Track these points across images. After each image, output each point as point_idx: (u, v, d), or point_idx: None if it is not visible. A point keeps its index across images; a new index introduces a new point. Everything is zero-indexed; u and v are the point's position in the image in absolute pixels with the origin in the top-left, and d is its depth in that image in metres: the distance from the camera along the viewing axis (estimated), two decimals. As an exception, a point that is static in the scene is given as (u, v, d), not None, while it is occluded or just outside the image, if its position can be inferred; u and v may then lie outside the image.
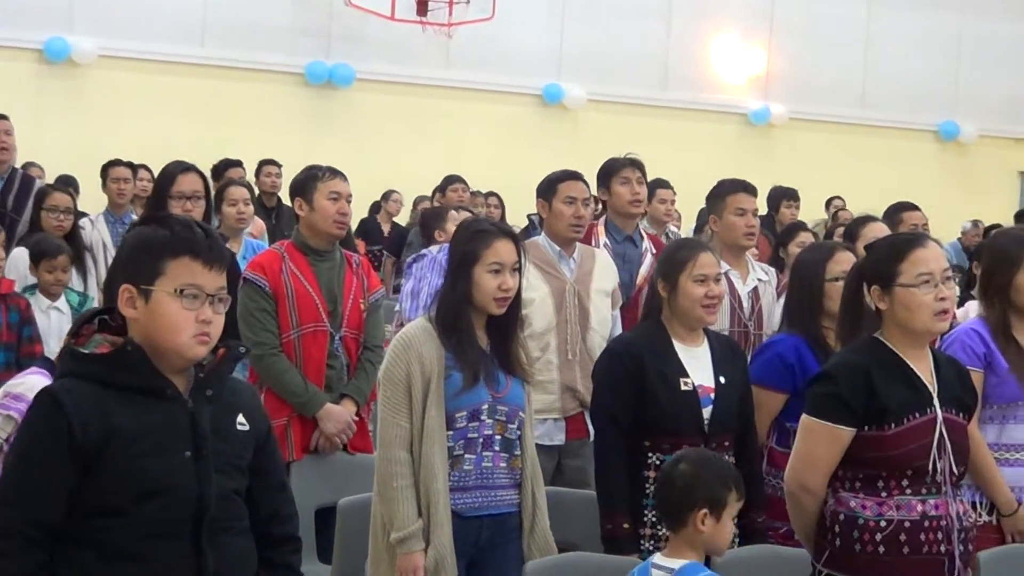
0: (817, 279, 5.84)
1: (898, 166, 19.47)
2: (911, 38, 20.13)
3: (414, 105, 17.32)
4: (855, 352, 4.63)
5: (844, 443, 4.51)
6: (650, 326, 5.56)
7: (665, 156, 15.76)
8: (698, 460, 4.46)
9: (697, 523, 4.32)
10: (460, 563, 4.97)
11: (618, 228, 7.44)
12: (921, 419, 4.52)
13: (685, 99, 18.58)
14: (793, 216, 12.24)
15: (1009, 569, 5.38)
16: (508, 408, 5.08)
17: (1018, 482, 5.62)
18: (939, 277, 4.54)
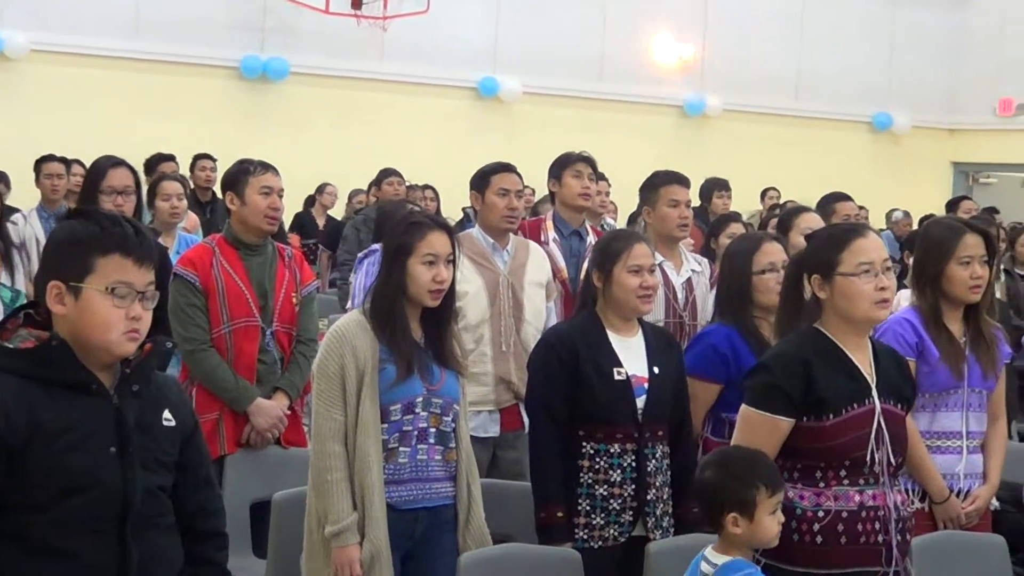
0: (745, 271, 5.88)
1: (832, 157, 19.56)
2: (845, 30, 20.23)
3: (349, 98, 17.26)
4: (794, 343, 4.64)
5: (783, 434, 4.51)
6: (585, 317, 5.57)
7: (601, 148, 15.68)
8: (722, 464, 4.41)
9: (729, 526, 4.31)
10: (395, 556, 4.97)
11: (565, 222, 7.46)
12: (860, 410, 4.53)
13: (620, 91, 18.59)
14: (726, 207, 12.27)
15: (941, 555, 5.43)
16: (443, 401, 5.08)
17: (950, 470, 5.67)
18: (879, 267, 4.56)
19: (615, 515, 5.38)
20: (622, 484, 5.38)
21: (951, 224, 5.92)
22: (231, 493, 6.17)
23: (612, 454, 5.38)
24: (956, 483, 5.68)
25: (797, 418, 4.49)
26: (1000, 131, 21.04)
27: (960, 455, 5.70)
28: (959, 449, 5.70)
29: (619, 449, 5.38)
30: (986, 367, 5.71)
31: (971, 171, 22.05)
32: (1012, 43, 20.53)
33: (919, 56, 20.87)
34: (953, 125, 21.60)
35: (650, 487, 5.41)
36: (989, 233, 5.83)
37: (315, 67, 17.12)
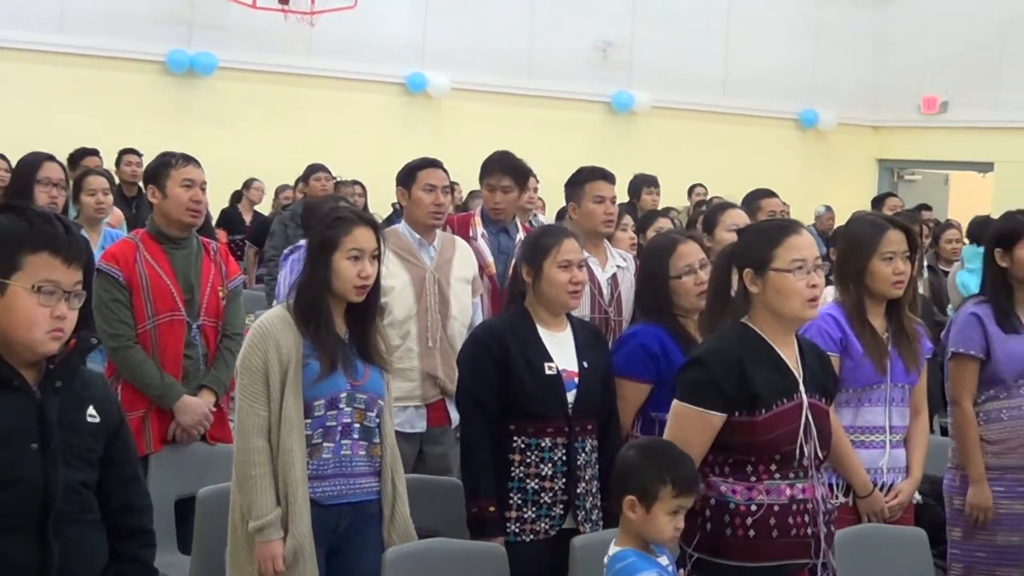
0: (662, 274, 5.89)
1: (759, 153, 19.68)
2: (771, 27, 20.35)
3: (277, 94, 17.19)
4: (725, 338, 4.65)
5: (715, 428, 4.53)
6: (514, 312, 5.59)
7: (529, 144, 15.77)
8: (644, 449, 4.44)
9: (626, 509, 4.33)
10: (319, 551, 4.97)
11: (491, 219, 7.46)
12: (789, 405, 4.56)
13: (549, 87, 18.61)
14: (654, 203, 12.32)
15: (864, 548, 5.49)
16: (367, 396, 5.07)
17: (873, 464, 5.71)
18: (811, 264, 4.58)
19: (546, 508, 5.41)
20: (553, 478, 5.40)
21: (874, 220, 5.97)
22: (156, 490, 6.08)
23: (543, 448, 5.40)
24: (879, 477, 5.72)
25: (729, 413, 4.52)
26: (924, 128, 21.23)
27: (883, 449, 5.74)
28: (882, 444, 5.74)
29: (550, 443, 5.40)
30: (908, 362, 5.76)
31: (896, 168, 22.24)
32: (936, 41, 20.72)
33: (844, 54, 21.01)
34: (878, 123, 21.77)
35: (580, 480, 5.43)
36: (911, 229, 5.89)
37: (243, 62, 17.03)
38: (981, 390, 6.16)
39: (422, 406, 6.60)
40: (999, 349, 6.11)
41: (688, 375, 4.61)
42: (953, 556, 6.25)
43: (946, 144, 20.73)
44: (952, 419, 6.27)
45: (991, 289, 6.25)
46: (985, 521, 6.10)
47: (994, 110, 20.22)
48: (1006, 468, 6.12)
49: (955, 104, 20.87)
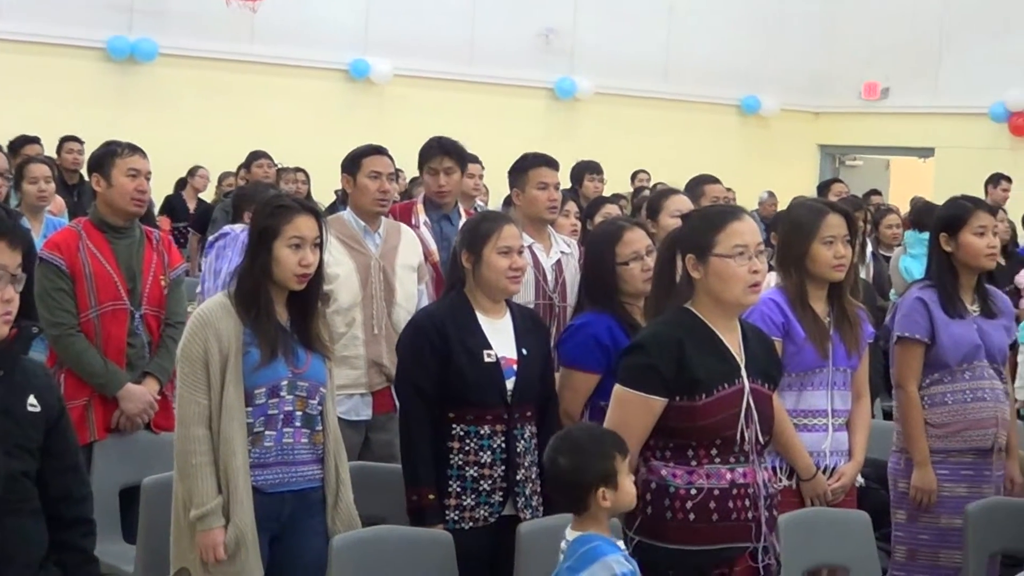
0: (608, 261, 5.90)
1: (702, 139, 19.74)
2: (713, 13, 20.40)
3: (219, 80, 17.10)
4: (667, 323, 4.67)
5: (656, 413, 4.54)
6: (454, 298, 5.57)
7: (473, 131, 15.71)
8: (573, 449, 4.41)
9: (600, 502, 4.33)
10: (263, 539, 4.95)
11: (436, 205, 7.46)
12: (730, 390, 4.58)
13: (491, 74, 18.59)
14: (597, 189, 12.29)
15: (807, 531, 5.52)
16: (308, 384, 5.06)
17: (816, 447, 5.75)
18: (753, 250, 4.60)
19: (485, 496, 5.40)
20: (492, 465, 5.40)
21: (814, 205, 6.02)
22: (100, 479, 6.12)
23: (482, 435, 5.39)
24: (822, 460, 5.76)
25: (670, 398, 4.53)
26: (865, 114, 21.35)
27: (826, 433, 5.78)
28: (825, 427, 5.78)
29: (489, 431, 5.39)
30: (850, 346, 5.81)
31: (837, 154, 22.36)
32: (877, 28, 20.84)
33: (786, 40, 21.10)
34: (820, 108, 21.88)
35: (520, 467, 5.43)
36: (850, 213, 5.92)
37: (184, 48, 16.92)
38: (926, 374, 6.20)
39: (368, 394, 6.61)
40: (944, 334, 6.16)
41: (629, 360, 4.62)
42: (897, 538, 6.30)
43: (887, 130, 20.87)
44: (897, 403, 6.31)
45: (936, 274, 6.30)
46: (929, 504, 6.15)
47: (934, 96, 20.37)
48: (950, 451, 6.17)
49: (896, 90, 21.01)
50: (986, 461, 6.21)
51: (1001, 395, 6.26)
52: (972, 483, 6.18)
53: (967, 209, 6.28)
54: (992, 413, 6.19)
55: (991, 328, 6.26)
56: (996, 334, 6.28)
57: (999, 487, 6.27)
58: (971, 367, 6.19)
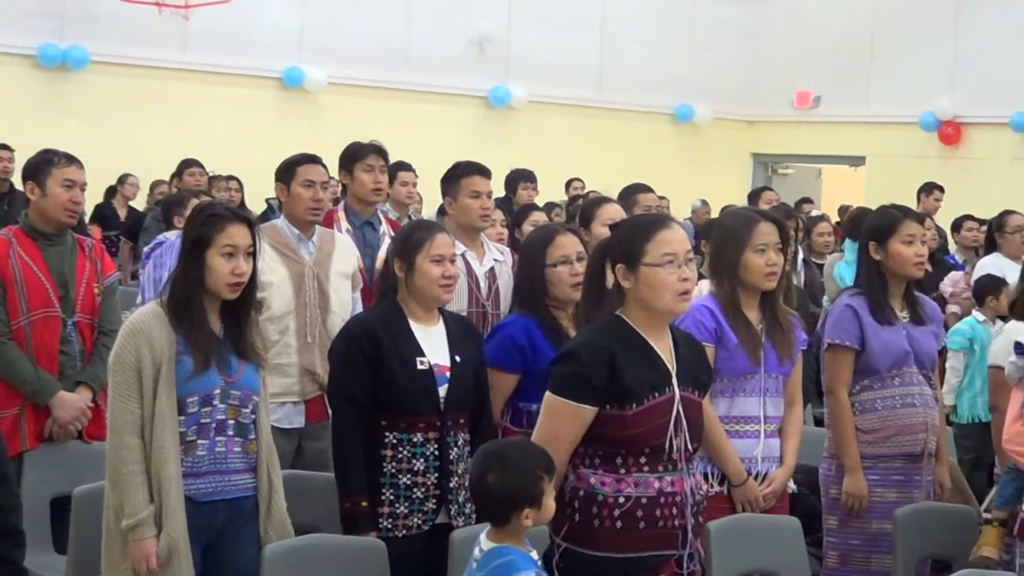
0: (539, 263, 5.93)
1: (636, 148, 19.79)
2: (646, 22, 20.48)
3: (151, 88, 16.99)
4: (598, 332, 4.67)
5: (586, 421, 4.54)
6: (386, 306, 5.59)
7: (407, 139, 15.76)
8: (502, 465, 4.37)
9: (522, 521, 4.32)
10: (195, 548, 4.93)
11: (357, 213, 7.47)
12: (660, 399, 4.58)
13: (426, 82, 18.57)
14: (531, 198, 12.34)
15: (738, 537, 5.56)
16: (241, 392, 5.05)
17: (747, 453, 5.80)
18: (682, 258, 4.60)
19: (419, 503, 5.41)
20: (425, 472, 5.41)
21: (745, 213, 6.06)
22: (31, 489, 6.09)
23: (415, 443, 5.41)
24: (754, 466, 5.81)
25: (600, 407, 4.53)
26: (797, 123, 21.47)
27: (758, 439, 5.82)
28: (757, 433, 5.83)
29: (422, 438, 5.41)
30: (782, 353, 5.85)
31: (770, 162, 22.48)
32: (808, 37, 20.97)
33: (719, 49, 21.20)
34: (752, 117, 21.99)
35: (453, 475, 5.45)
36: (782, 221, 5.98)
37: (116, 56, 16.80)
38: (856, 380, 6.26)
39: (300, 402, 6.60)
40: (873, 340, 6.21)
41: (560, 368, 4.62)
42: (829, 544, 6.35)
43: (819, 138, 20.99)
44: (828, 409, 6.37)
45: (866, 282, 6.36)
46: (860, 509, 6.20)
47: (865, 105, 20.52)
48: (880, 457, 6.23)
49: (827, 99, 21.15)
50: (916, 466, 6.27)
51: (931, 401, 6.32)
52: (902, 488, 6.24)
53: (896, 218, 6.35)
54: (922, 419, 6.25)
55: (920, 334, 6.33)
56: (925, 340, 6.34)
57: (929, 492, 6.33)
58: (900, 373, 6.25)
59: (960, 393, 9.66)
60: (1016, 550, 5.61)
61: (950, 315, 10.75)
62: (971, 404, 9.53)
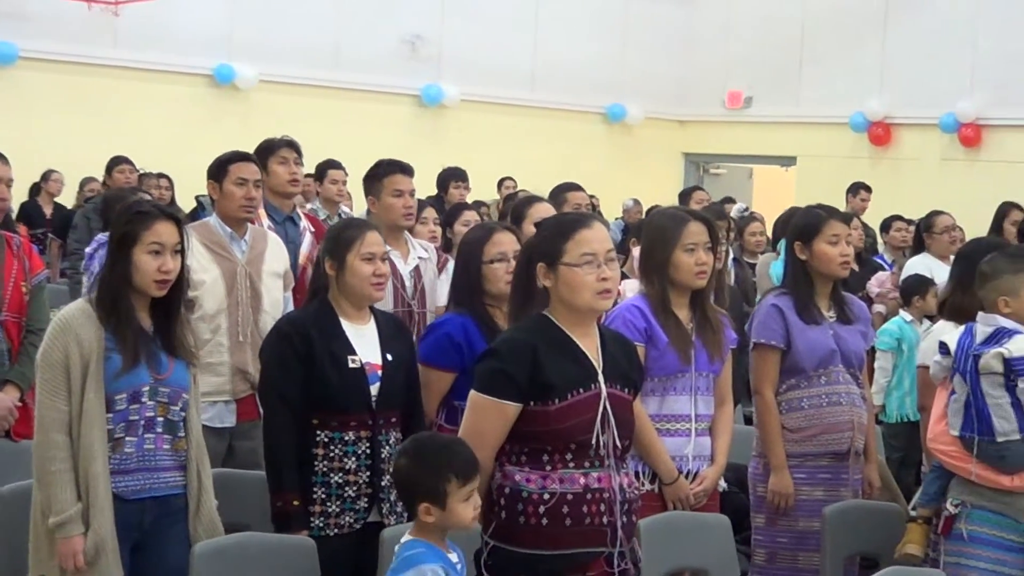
0: (475, 260, 5.95)
1: (568, 147, 19.82)
2: (579, 22, 20.51)
3: (81, 85, 16.85)
4: (523, 329, 4.69)
5: (510, 418, 4.56)
6: (318, 305, 5.58)
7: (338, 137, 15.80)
8: (415, 454, 4.42)
9: (422, 515, 4.35)
10: (123, 546, 4.92)
11: (277, 209, 7.45)
12: (585, 394, 4.59)
13: (358, 80, 18.52)
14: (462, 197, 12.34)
15: (668, 535, 5.60)
16: (171, 390, 5.03)
17: (678, 451, 5.83)
18: (602, 258, 4.62)
19: (350, 502, 5.42)
20: (357, 471, 5.42)
21: (675, 213, 6.10)
22: (-43, 489, 6.04)
23: (347, 442, 5.41)
24: (685, 465, 5.85)
25: (524, 403, 4.54)
26: (729, 123, 21.58)
27: (689, 437, 5.86)
28: (688, 432, 5.87)
29: (353, 436, 5.41)
30: (712, 351, 5.90)
31: (701, 162, 22.58)
32: (740, 37, 21.09)
33: (651, 49, 21.26)
34: (684, 117, 22.08)
35: (385, 473, 5.44)
36: (711, 221, 6.02)
37: (45, 52, 16.64)
38: (782, 379, 6.30)
39: (232, 401, 6.59)
40: (799, 340, 6.26)
41: (483, 365, 4.64)
42: (757, 542, 6.39)
43: (750, 138, 21.11)
44: (755, 408, 6.41)
45: (792, 281, 6.41)
46: (787, 507, 6.24)
47: (796, 106, 20.65)
48: (806, 455, 6.27)
49: (759, 99, 21.26)
50: (843, 465, 6.32)
51: (857, 400, 6.37)
52: (829, 487, 6.29)
53: (821, 218, 6.39)
54: (848, 417, 6.30)
55: (847, 334, 6.37)
56: (852, 339, 6.39)
57: (857, 490, 6.38)
58: (827, 372, 6.29)
59: (889, 393, 9.76)
60: (940, 547, 5.66)
61: (875, 315, 10.84)
62: (900, 403, 9.63)
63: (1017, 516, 5.56)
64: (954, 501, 5.63)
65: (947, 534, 5.62)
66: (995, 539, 5.57)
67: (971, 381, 5.56)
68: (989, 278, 5.66)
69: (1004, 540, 5.56)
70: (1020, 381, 5.46)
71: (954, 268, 6.60)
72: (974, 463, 5.58)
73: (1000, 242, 7.03)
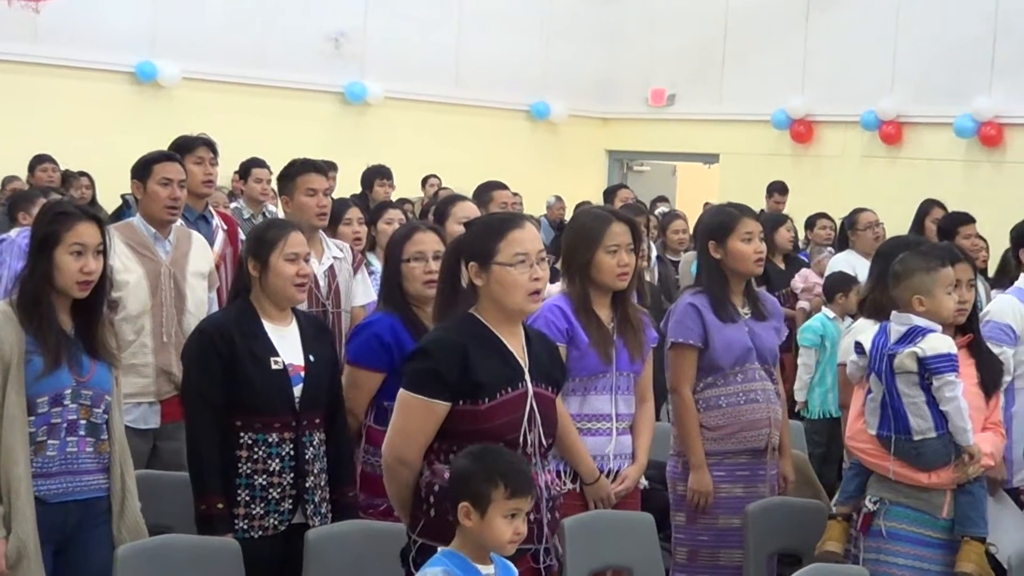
0: (396, 259, 5.97)
1: (493, 144, 19.82)
2: (502, 18, 20.49)
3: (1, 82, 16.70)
4: (451, 328, 4.71)
5: (439, 417, 4.59)
6: (240, 306, 5.59)
7: (262, 135, 15.72)
8: (476, 454, 4.36)
9: (462, 517, 4.28)
10: (46, 550, 4.90)
11: (190, 207, 7.43)
12: (513, 393, 4.63)
13: (281, 77, 18.38)
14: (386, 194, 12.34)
15: (591, 533, 5.63)
16: (93, 392, 5.01)
17: (600, 451, 5.88)
18: (534, 258, 4.66)
19: (275, 504, 5.42)
20: (281, 473, 5.42)
21: (599, 213, 6.13)
22: None
23: (270, 443, 5.41)
24: (606, 464, 5.89)
25: (453, 402, 4.57)
26: (652, 120, 21.62)
27: (610, 436, 5.91)
28: (609, 431, 5.91)
29: (277, 438, 5.42)
30: (633, 351, 5.94)
31: (625, 159, 22.63)
32: (662, 35, 21.14)
33: (575, 46, 21.27)
34: (607, 114, 22.12)
35: (309, 474, 5.46)
36: (635, 222, 6.07)
37: (-37, 49, 16.51)
38: (700, 378, 6.34)
39: (156, 402, 6.58)
40: (716, 338, 6.30)
41: (412, 364, 4.66)
42: (678, 540, 6.43)
43: (673, 136, 21.17)
44: (672, 407, 6.44)
45: (707, 280, 6.45)
46: (706, 505, 6.28)
47: (719, 103, 20.73)
48: (725, 453, 6.32)
49: (682, 97, 21.33)
50: (760, 461, 6.38)
51: (772, 396, 6.43)
52: (748, 483, 6.34)
53: (734, 216, 6.45)
54: (765, 414, 6.35)
55: (761, 330, 6.43)
56: (767, 336, 6.45)
57: (774, 486, 6.44)
58: (743, 369, 6.34)
59: (811, 389, 9.85)
60: (860, 544, 5.74)
61: (799, 311, 10.94)
62: (822, 400, 9.74)
63: (934, 512, 5.64)
64: (873, 498, 5.71)
65: (866, 531, 5.70)
66: (913, 535, 5.65)
67: (887, 380, 5.64)
68: (902, 277, 5.73)
69: (922, 536, 5.65)
70: (935, 380, 5.54)
71: (873, 266, 6.68)
72: (892, 461, 5.66)
73: (918, 240, 7.11)
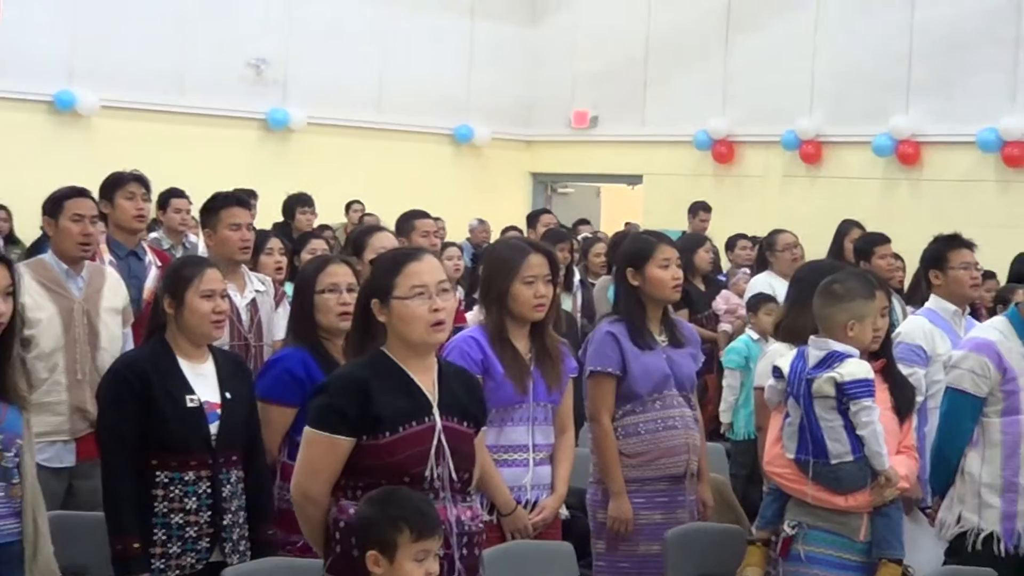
0: (309, 291, 5.94)
1: (417, 169, 19.82)
2: (424, 43, 20.49)
3: (-84, 112, 16.55)
4: (356, 364, 4.72)
5: (342, 452, 4.57)
6: (155, 343, 5.55)
7: (183, 163, 15.63)
8: (378, 500, 4.38)
9: (370, 565, 4.29)
10: (-44, 599, 4.85)
11: (120, 243, 7.38)
12: (418, 427, 4.60)
13: (202, 105, 18.28)
14: (309, 223, 12.31)
15: (511, 565, 5.61)
16: (4, 436, 4.91)
17: (516, 482, 5.88)
18: (433, 289, 4.65)
19: (192, 543, 5.38)
20: (198, 511, 5.39)
21: (516, 244, 6.15)
22: None
23: (187, 482, 5.37)
24: (523, 494, 5.90)
25: (356, 436, 4.56)
26: (575, 143, 21.68)
27: (527, 467, 5.92)
28: (526, 462, 5.92)
29: (193, 476, 5.38)
30: (551, 382, 5.95)
31: (549, 181, 22.68)
32: (584, 57, 21.22)
33: (497, 70, 21.32)
34: (531, 137, 22.16)
35: (226, 512, 5.43)
36: (553, 253, 6.08)
37: None
38: (619, 405, 6.36)
39: (71, 440, 6.54)
40: (634, 365, 6.32)
41: (315, 401, 4.66)
42: (598, 568, 6.44)
43: (596, 158, 21.24)
44: (592, 435, 6.45)
45: (624, 307, 6.48)
46: (627, 532, 6.30)
47: (641, 125, 20.82)
48: (645, 480, 6.34)
49: (604, 119, 21.40)
50: (679, 487, 6.40)
51: (691, 422, 6.46)
52: (667, 509, 6.36)
53: (651, 243, 6.48)
54: (683, 440, 6.38)
55: (679, 357, 6.46)
56: (684, 363, 6.48)
57: (693, 512, 6.46)
58: (661, 397, 6.37)
59: (736, 410, 9.90)
60: (780, 568, 5.76)
61: (721, 334, 11.00)
62: (747, 421, 9.71)
63: (852, 535, 5.67)
64: (791, 522, 5.72)
65: (785, 555, 5.71)
66: (832, 559, 5.67)
67: (804, 404, 5.66)
68: (842, 299, 5.70)
69: (840, 559, 5.67)
70: (852, 404, 5.57)
71: (790, 290, 6.71)
72: (809, 485, 5.68)
73: (836, 264, 7.15)
